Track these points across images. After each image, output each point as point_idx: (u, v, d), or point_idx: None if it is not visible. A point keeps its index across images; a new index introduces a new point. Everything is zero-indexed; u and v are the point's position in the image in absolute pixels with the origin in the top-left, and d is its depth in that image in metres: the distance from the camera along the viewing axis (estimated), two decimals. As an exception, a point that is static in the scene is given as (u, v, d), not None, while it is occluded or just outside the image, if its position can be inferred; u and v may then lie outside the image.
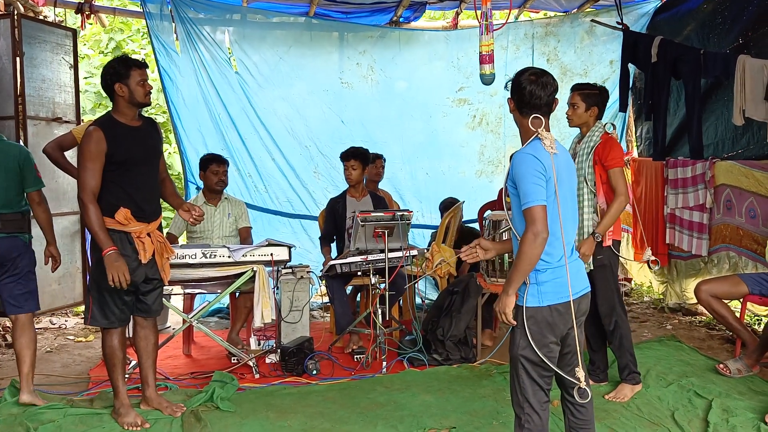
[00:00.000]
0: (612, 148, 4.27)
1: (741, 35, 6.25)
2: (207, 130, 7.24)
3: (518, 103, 3.03)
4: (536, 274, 2.92)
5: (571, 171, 3.10)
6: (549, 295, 2.92)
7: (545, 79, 3.00)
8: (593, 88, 4.42)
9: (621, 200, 4.25)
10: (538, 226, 2.82)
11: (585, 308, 3.10)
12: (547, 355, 2.91)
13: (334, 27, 7.69)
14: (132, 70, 3.92)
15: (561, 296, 2.92)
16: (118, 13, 8.17)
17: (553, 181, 2.89)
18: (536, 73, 3.02)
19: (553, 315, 2.92)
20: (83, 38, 11.89)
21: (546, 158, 2.90)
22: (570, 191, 3.07)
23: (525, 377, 2.97)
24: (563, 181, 2.97)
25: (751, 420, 4.02)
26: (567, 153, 3.13)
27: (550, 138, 2.94)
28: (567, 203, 3.00)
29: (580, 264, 3.12)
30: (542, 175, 2.87)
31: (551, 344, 2.94)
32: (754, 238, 5.87)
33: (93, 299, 3.97)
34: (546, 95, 2.98)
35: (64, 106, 6.54)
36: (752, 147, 6.13)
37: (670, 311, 7.05)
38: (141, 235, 3.97)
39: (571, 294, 2.92)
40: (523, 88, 2.99)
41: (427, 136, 7.95)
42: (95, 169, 3.85)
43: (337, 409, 4.36)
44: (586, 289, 3.09)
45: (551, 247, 2.91)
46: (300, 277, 5.50)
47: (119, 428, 4.01)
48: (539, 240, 2.81)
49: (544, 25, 7.86)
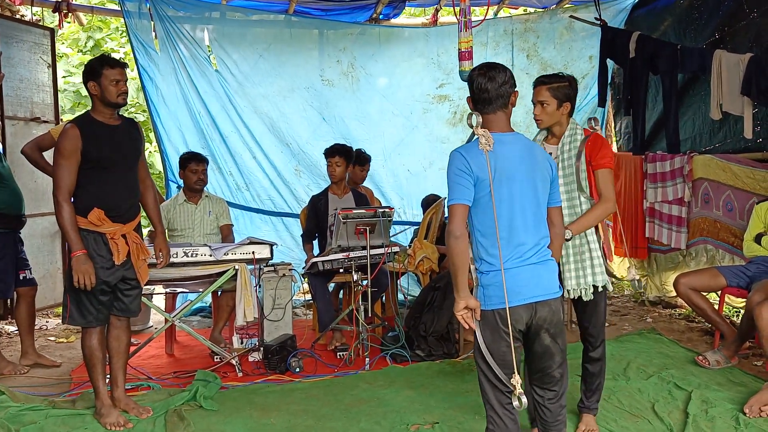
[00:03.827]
0: (603, 146, 3.66)
1: (717, 30, 6.32)
2: (187, 128, 7.21)
3: (473, 100, 2.95)
4: (480, 276, 2.87)
5: (532, 169, 2.92)
6: (493, 299, 2.82)
7: (493, 73, 2.90)
8: (562, 80, 3.67)
9: (607, 206, 3.69)
10: (451, 225, 2.77)
11: (546, 316, 2.89)
12: (500, 359, 2.83)
13: (314, 24, 7.68)
14: (105, 69, 3.88)
15: (503, 301, 2.78)
16: (96, 12, 8.13)
17: (487, 180, 2.78)
18: (484, 67, 2.94)
19: (497, 319, 2.82)
20: (61, 37, 11.78)
21: (476, 156, 2.81)
22: (529, 190, 2.90)
23: (483, 379, 2.93)
24: (513, 179, 2.85)
25: (730, 411, 4.06)
26: (530, 149, 2.96)
27: (486, 135, 2.82)
28: (520, 202, 2.86)
29: (544, 267, 2.92)
30: (465, 173, 2.80)
31: (503, 348, 2.82)
32: (731, 231, 5.94)
33: (70, 298, 3.95)
34: (495, 88, 2.88)
35: (42, 105, 6.50)
36: (729, 141, 6.20)
37: (650, 304, 7.11)
38: (115, 236, 3.94)
39: (511, 299, 2.78)
40: (473, 84, 2.91)
41: (407, 133, 7.97)
42: (70, 166, 3.83)
43: (320, 406, 4.36)
44: (544, 296, 2.89)
45: (494, 249, 2.82)
46: (282, 275, 5.50)
47: (102, 429, 3.99)
48: (451, 239, 2.76)
49: (523, 21, 7.89)
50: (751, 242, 5.21)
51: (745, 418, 3.94)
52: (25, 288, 5.26)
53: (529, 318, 2.86)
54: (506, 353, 2.84)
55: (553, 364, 3.02)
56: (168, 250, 4.39)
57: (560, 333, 2.99)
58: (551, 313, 2.91)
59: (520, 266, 2.85)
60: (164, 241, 4.38)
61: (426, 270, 6.15)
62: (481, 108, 2.92)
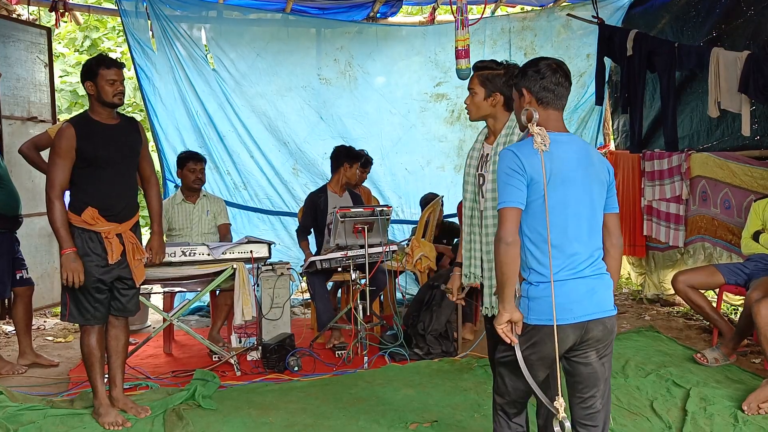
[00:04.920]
0: None
1: (714, 28, 6.32)
2: (185, 127, 7.20)
3: (535, 95, 2.72)
4: (528, 288, 2.64)
5: (588, 173, 2.69)
6: (537, 313, 2.60)
7: (565, 68, 2.75)
8: (497, 68, 3.26)
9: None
10: (502, 230, 2.56)
11: (599, 335, 2.64)
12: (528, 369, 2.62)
13: (311, 23, 7.67)
14: (101, 69, 3.89)
15: (551, 318, 2.56)
16: (92, 11, 8.10)
17: (541, 182, 2.57)
18: (551, 60, 2.76)
19: (536, 335, 2.61)
20: (58, 36, 11.76)
21: (530, 156, 2.58)
22: (585, 195, 2.67)
23: (500, 382, 2.83)
24: (569, 183, 2.63)
25: (729, 408, 4.07)
26: (587, 152, 2.74)
27: (542, 133, 2.60)
28: (575, 208, 2.65)
29: (599, 282, 2.68)
30: (518, 174, 2.58)
31: (533, 361, 2.64)
32: (729, 228, 5.94)
33: (69, 296, 3.95)
34: (568, 85, 2.74)
35: (39, 105, 6.49)
36: (727, 138, 6.21)
37: (648, 302, 7.12)
38: (109, 236, 3.93)
39: (560, 317, 2.57)
40: (543, 76, 2.71)
41: (405, 132, 7.97)
42: (64, 165, 3.84)
43: (319, 404, 4.36)
44: (599, 314, 2.64)
45: (545, 258, 2.59)
46: (280, 273, 5.50)
47: (100, 428, 3.98)
48: (502, 245, 2.54)
49: (520, 20, 7.89)
50: (749, 240, 5.21)
51: (744, 415, 3.94)
52: (22, 288, 5.26)
53: (577, 338, 2.63)
54: (542, 369, 2.67)
55: (597, 392, 2.72)
56: (160, 250, 4.35)
57: (609, 356, 2.73)
58: (605, 333, 2.66)
59: (573, 278, 2.62)
60: (158, 240, 4.35)
61: (424, 268, 6.15)
62: (544, 105, 2.70)
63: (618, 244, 2.82)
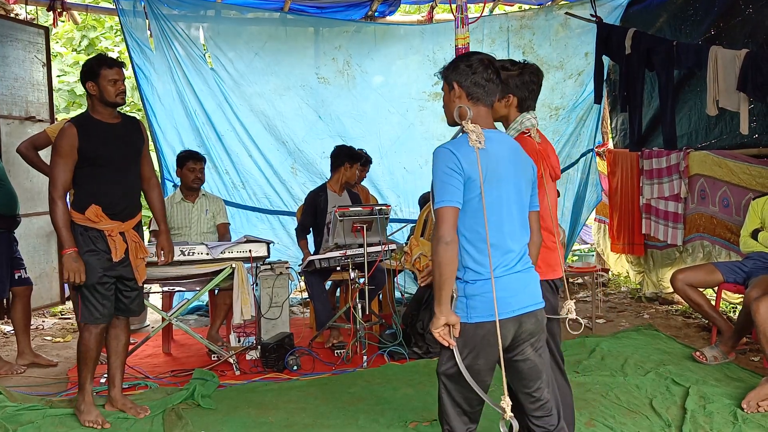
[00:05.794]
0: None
1: (712, 26, 6.32)
2: (183, 127, 7.19)
3: (466, 90, 2.69)
4: (464, 286, 2.57)
5: (517, 170, 2.68)
6: (477, 311, 2.54)
7: (496, 63, 2.72)
8: (512, 68, 3.20)
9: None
10: (440, 230, 2.49)
11: (531, 328, 2.64)
12: (481, 380, 2.57)
13: (310, 22, 7.66)
14: (103, 69, 3.90)
15: (492, 313, 2.51)
16: (90, 10, 8.08)
17: (478, 180, 2.52)
18: (483, 55, 2.74)
19: (479, 334, 2.55)
20: (56, 36, 11.76)
21: (467, 154, 2.53)
22: (514, 193, 2.66)
23: (447, 402, 2.66)
24: (502, 180, 2.61)
25: (728, 406, 4.07)
26: (515, 149, 2.73)
27: (477, 131, 2.56)
28: (508, 206, 2.63)
29: (530, 276, 2.70)
30: (456, 172, 2.52)
31: (481, 366, 2.57)
32: (728, 226, 5.95)
33: (80, 297, 3.95)
34: (499, 80, 2.71)
35: (37, 104, 6.48)
36: (725, 137, 6.21)
37: (647, 301, 7.12)
38: (112, 234, 3.94)
39: (500, 311, 2.52)
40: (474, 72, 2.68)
41: (404, 131, 7.96)
42: (66, 165, 3.85)
43: (318, 404, 4.36)
44: (533, 306, 2.66)
45: (482, 256, 2.56)
46: (279, 273, 5.49)
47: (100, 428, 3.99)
48: (441, 245, 2.47)
49: (518, 18, 7.88)
50: (748, 238, 5.21)
51: (743, 414, 3.95)
52: (21, 287, 5.25)
53: (515, 332, 2.61)
54: (480, 373, 2.58)
55: (541, 383, 2.73)
56: (170, 249, 4.40)
57: (544, 347, 2.75)
58: (537, 325, 2.67)
59: (508, 275, 2.60)
60: (167, 239, 4.38)
61: (423, 267, 6.14)
62: (474, 100, 2.67)
63: (537, 242, 2.85)
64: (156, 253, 4.34)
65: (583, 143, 8.12)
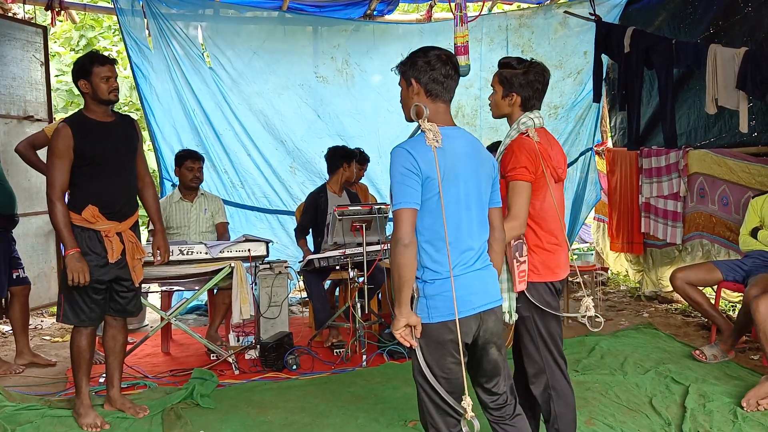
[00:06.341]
0: (514, 153, 3.04)
1: (711, 25, 6.32)
2: (181, 126, 7.17)
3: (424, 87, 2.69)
4: (423, 286, 2.57)
5: (476, 167, 2.66)
6: (439, 311, 2.54)
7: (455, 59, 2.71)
8: (519, 66, 3.18)
9: (512, 225, 2.95)
10: (398, 232, 2.47)
11: (492, 326, 2.66)
12: (444, 377, 2.57)
13: (308, 21, 7.65)
14: (95, 66, 3.88)
15: (452, 312, 2.52)
16: (88, 10, 8.07)
17: (436, 179, 2.51)
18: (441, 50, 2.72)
19: (443, 333, 2.54)
20: (54, 35, 11.74)
21: (424, 153, 2.52)
22: (474, 190, 2.64)
23: (426, 401, 2.64)
24: (460, 178, 2.59)
25: (728, 404, 4.07)
26: (474, 145, 2.70)
27: (434, 129, 2.55)
28: (466, 203, 2.61)
29: (488, 273, 2.68)
30: (413, 173, 2.50)
31: (450, 365, 2.57)
32: (727, 225, 5.95)
33: (64, 297, 3.93)
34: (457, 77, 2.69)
35: (35, 104, 6.47)
36: (724, 135, 6.21)
37: (646, 299, 7.12)
38: (109, 234, 3.92)
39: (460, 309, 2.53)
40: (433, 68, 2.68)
41: (402, 130, 7.91)
42: (63, 165, 3.82)
43: (317, 403, 4.36)
44: (492, 304, 2.66)
45: (440, 255, 2.56)
46: (278, 272, 5.49)
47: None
48: (399, 247, 2.46)
49: (517, 17, 7.87)
50: (747, 236, 5.21)
51: (743, 412, 3.95)
52: (19, 287, 5.24)
53: (477, 329, 2.61)
54: (452, 371, 2.58)
55: (501, 380, 2.77)
56: (167, 248, 4.39)
57: (503, 344, 2.76)
58: (496, 323, 2.69)
59: (467, 273, 2.59)
60: (163, 239, 4.37)
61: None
62: (433, 97, 2.66)
63: (501, 238, 2.82)
64: (152, 252, 4.33)
65: (582, 142, 8.11)
